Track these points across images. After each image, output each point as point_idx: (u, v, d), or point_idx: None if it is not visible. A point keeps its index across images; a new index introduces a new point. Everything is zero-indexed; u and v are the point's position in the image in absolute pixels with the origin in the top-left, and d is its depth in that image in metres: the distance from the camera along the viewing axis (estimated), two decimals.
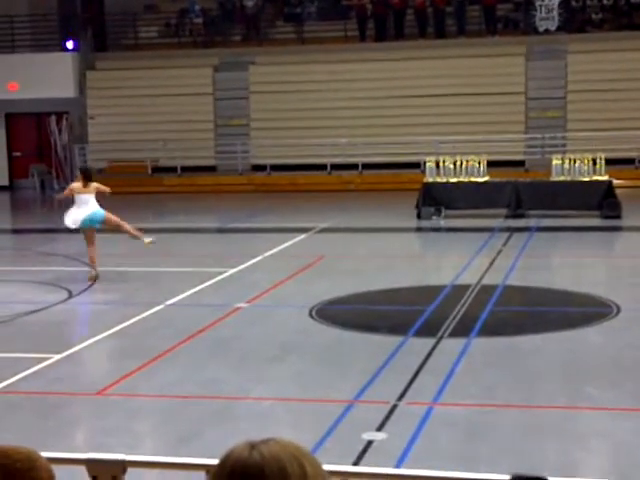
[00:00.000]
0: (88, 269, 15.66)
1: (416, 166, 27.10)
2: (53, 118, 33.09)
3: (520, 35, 31.32)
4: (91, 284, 15.12)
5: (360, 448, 7.56)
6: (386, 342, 11.07)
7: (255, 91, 31.69)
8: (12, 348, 11.26)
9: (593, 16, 31.27)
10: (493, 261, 16.26)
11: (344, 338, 11.53)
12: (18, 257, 19.42)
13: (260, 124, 31.40)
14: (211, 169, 31.33)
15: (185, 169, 30.84)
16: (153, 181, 30.77)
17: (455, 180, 21.82)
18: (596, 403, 8.76)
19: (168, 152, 31.09)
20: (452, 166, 21.88)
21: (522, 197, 21.57)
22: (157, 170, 31.33)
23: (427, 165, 22.38)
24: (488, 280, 14.59)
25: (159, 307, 13.24)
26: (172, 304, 13.46)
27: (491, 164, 22.54)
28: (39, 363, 10.44)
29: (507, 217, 21.36)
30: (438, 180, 21.93)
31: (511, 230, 19.89)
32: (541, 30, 30.86)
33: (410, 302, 13.75)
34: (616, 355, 10.44)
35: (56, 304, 13.70)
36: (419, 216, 21.79)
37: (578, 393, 9.07)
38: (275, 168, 30.37)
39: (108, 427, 8.45)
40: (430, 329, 11.63)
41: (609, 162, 22.06)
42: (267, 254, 17.51)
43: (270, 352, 10.80)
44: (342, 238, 20.20)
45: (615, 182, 21.66)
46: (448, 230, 21.01)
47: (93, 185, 15.42)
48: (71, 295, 14.32)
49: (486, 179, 21.89)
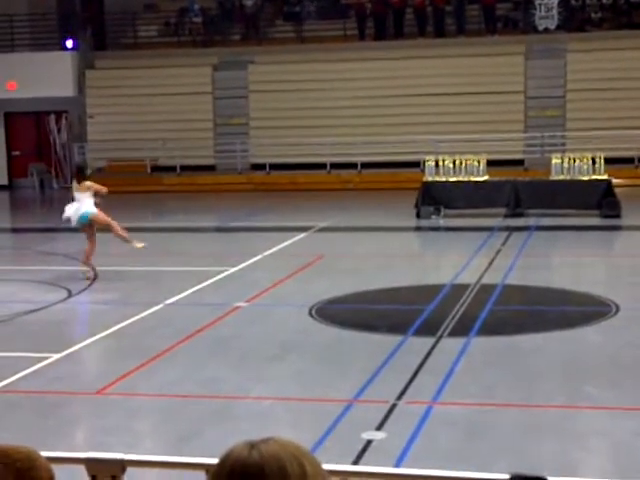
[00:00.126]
0: (87, 268, 15.66)
1: (415, 165, 27.10)
2: (52, 117, 33.08)
3: (519, 34, 31.32)
4: (90, 283, 15.11)
5: (360, 447, 7.57)
6: (386, 341, 11.07)
7: (254, 90, 31.68)
8: (12, 347, 11.26)
9: (592, 15, 31.28)
10: (492, 260, 16.26)
11: (344, 337, 11.53)
12: (17, 256, 19.42)
13: (259, 123, 31.40)
14: (210, 168, 31.32)
15: (184, 168, 30.83)
16: (152, 180, 30.75)
17: (454, 179, 21.82)
18: (595, 402, 8.76)
19: (167, 151, 31.07)
20: (451, 165, 21.87)
21: (521, 196, 21.57)
22: (156, 169, 31.32)
23: (426, 164, 22.37)
24: (487, 279, 14.59)
25: (159, 306, 13.24)
26: (172, 303, 13.46)
27: (490, 163, 22.53)
28: (38, 362, 10.44)
29: (506, 216, 21.35)
30: (437, 179, 21.92)
31: (510, 229, 19.89)
32: (540, 29, 30.86)
33: (409, 301, 13.76)
34: (615, 354, 10.44)
35: (55, 303, 13.70)
36: (418, 215, 21.79)
37: (577, 392, 9.07)
38: (274, 167, 30.36)
39: (108, 426, 8.45)
40: (430, 328, 11.64)
41: (608, 161, 22.04)
42: (267, 253, 17.51)
43: (270, 351, 10.81)
44: (341, 237, 20.20)
45: (614, 181, 21.67)
46: (447, 229, 21.00)
47: (86, 184, 15.42)
48: (70, 294, 14.32)
49: (485, 178, 21.88)
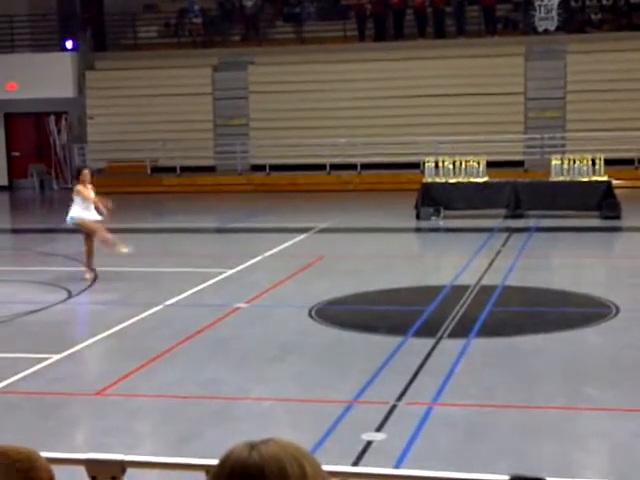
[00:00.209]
0: (84, 269, 15.66)
1: (415, 166, 27.10)
2: (52, 118, 33.09)
3: (519, 35, 31.31)
4: (90, 284, 15.11)
5: (359, 448, 7.57)
6: (385, 342, 11.07)
7: (254, 91, 31.68)
8: (12, 348, 11.26)
9: (592, 16, 31.27)
10: (492, 261, 16.26)
11: (343, 338, 11.53)
12: (18, 257, 19.43)
13: (259, 124, 31.40)
14: (210, 169, 31.32)
15: (184, 169, 30.83)
16: (152, 181, 30.75)
17: (454, 180, 21.82)
18: (595, 403, 8.76)
19: (167, 152, 31.07)
20: (451, 166, 21.87)
21: (521, 197, 21.57)
22: (156, 170, 31.32)
23: (426, 165, 22.38)
24: (487, 280, 14.59)
25: (158, 307, 13.24)
26: (172, 304, 13.46)
27: (490, 164, 22.54)
28: (39, 363, 10.44)
29: (506, 217, 21.35)
30: (437, 180, 21.92)
31: (510, 230, 19.89)
32: (540, 30, 30.86)
33: (409, 302, 13.76)
34: (615, 355, 10.44)
35: (56, 304, 13.70)
36: (418, 216, 21.78)
37: (577, 393, 9.07)
38: (274, 168, 30.36)
39: (108, 427, 8.45)
40: (429, 329, 11.64)
41: (608, 162, 22.05)
42: (267, 254, 17.51)
43: (270, 352, 10.81)
44: (341, 238, 20.20)
45: (614, 182, 21.67)
46: (447, 230, 21.00)
47: (75, 188, 15.62)
48: (70, 295, 14.32)
49: (485, 179, 21.88)
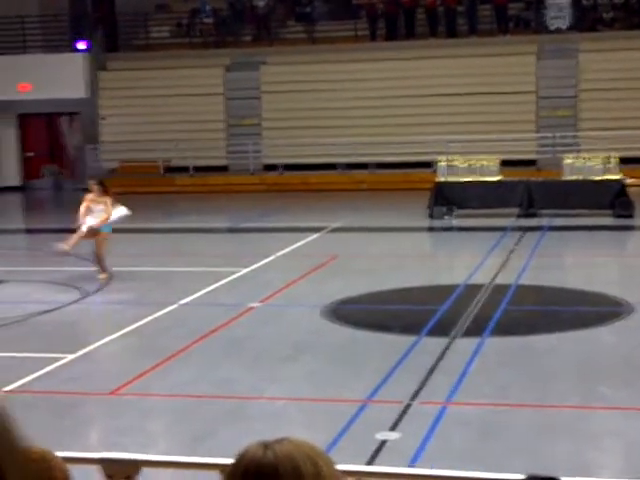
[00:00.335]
0: (96, 268, 15.70)
1: (428, 165, 27.07)
2: (65, 118, 33.16)
3: (531, 34, 31.22)
4: (104, 284, 15.13)
5: (374, 448, 7.56)
6: (399, 342, 11.06)
7: (266, 91, 31.68)
8: (26, 348, 11.30)
9: (604, 15, 31.17)
10: (506, 260, 16.23)
11: (357, 338, 11.52)
12: (31, 257, 19.47)
13: (272, 124, 31.39)
14: (223, 169, 31.33)
15: (197, 169, 30.84)
16: (165, 181, 30.79)
17: (467, 179, 21.79)
18: (609, 403, 8.73)
19: (180, 152, 31.09)
20: (464, 165, 21.85)
21: (534, 196, 21.52)
22: (169, 170, 31.36)
23: (439, 164, 22.36)
24: (501, 280, 14.56)
25: (172, 307, 13.26)
26: (185, 304, 13.48)
27: (503, 163, 22.49)
28: (53, 363, 10.47)
29: (519, 216, 21.31)
30: (450, 179, 21.89)
31: (523, 229, 19.85)
32: (552, 29, 30.78)
33: (423, 302, 13.74)
34: (629, 354, 10.41)
35: (69, 304, 13.73)
36: (431, 216, 21.76)
37: (591, 393, 9.05)
38: (287, 168, 30.37)
39: (122, 427, 8.47)
40: (443, 329, 11.62)
41: (621, 161, 21.98)
42: (280, 254, 17.51)
43: (283, 352, 10.81)
44: (354, 238, 20.19)
45: (627, 181, 21.59)
46: (460, 230, 20.97)
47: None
48: (84, 295, 14.35)
49: (498, 178, 21.84)
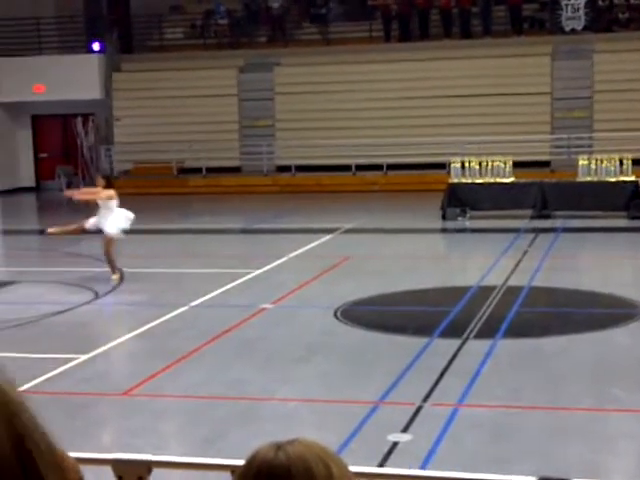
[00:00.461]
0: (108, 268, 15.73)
1: (441, 167, 27.01)
2: (79, 120, 33.24)
3: (546, 35, 31.15)
4: (116, 285, 15.15)
5: (385, 449, 7.55)
6: (411, 343, 11.05)
7: (280, 92, 31.71)
8: (39, 348, 11.32)
9: (620, 15, 31.09)
10: (519, 262, 16.20)
11: (369, 339, 11.52)
12: (45, 258, 19.53)
13: (285, 125, 31.42)
14: (236, 170, 31.37)
15: (210, 170, 30.89)
16: (178, 182, 30.85)
17: (481, 181, 21.75)
18: (623, 405, 8.70)
19: (193, 153, 31.14)
20: (477, 167, 21.82)
21: (548, 198, 21.47)
22: (182, 171, 31.41)
23: (452, 166, 22.32)
24: (514, 281, 14.53)
25: (184, 308, 13.28)
26: (197, 305, 13.49)
27: (517, 165, 22.46)
28: (66, 363, 10.49)
29: (533, 218, 21.27)
30: (463, 181, 21.87)
31: (537, 231, 19.80)
32: (567, 30, 30.70)
33: (435, 303, 13.72)
34: None
35: (82, 305, 13.76)
36: (444, 217, 21.74)
37: (605, 395, 9.01)
38: (300, 169, 30.37)
39: (134, 427, 8.48)
40: (456, 330, 11.60)
41: (636, 162, 21.92)
42: (292, 255, 17.51)
43: (295, 353, 10.81)
44: (367, 239, 20.18)
45: None
46: (473, 231, 20.94)
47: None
48: (97, 296, 14.38)
49: (512, 180, 21.80)
